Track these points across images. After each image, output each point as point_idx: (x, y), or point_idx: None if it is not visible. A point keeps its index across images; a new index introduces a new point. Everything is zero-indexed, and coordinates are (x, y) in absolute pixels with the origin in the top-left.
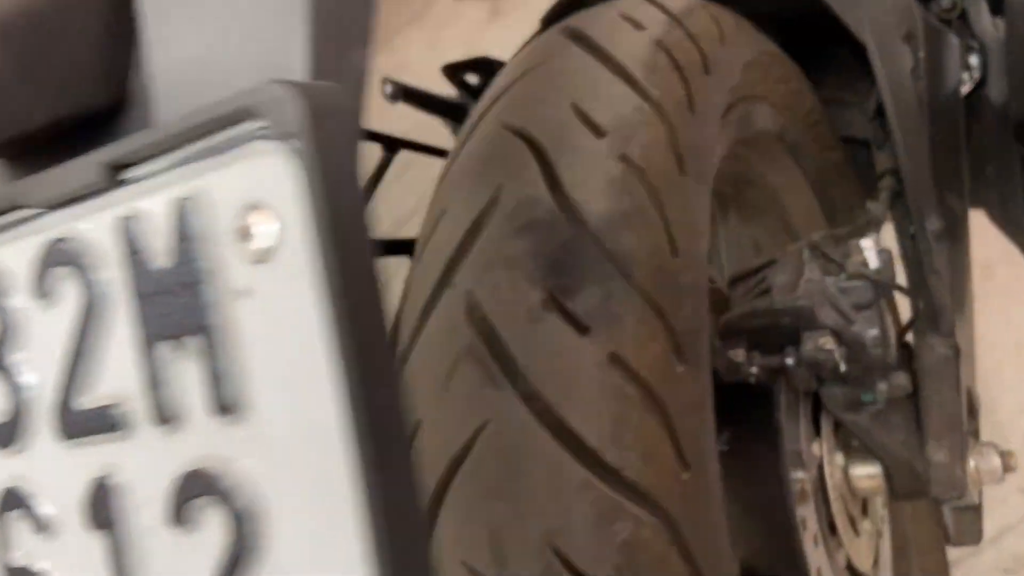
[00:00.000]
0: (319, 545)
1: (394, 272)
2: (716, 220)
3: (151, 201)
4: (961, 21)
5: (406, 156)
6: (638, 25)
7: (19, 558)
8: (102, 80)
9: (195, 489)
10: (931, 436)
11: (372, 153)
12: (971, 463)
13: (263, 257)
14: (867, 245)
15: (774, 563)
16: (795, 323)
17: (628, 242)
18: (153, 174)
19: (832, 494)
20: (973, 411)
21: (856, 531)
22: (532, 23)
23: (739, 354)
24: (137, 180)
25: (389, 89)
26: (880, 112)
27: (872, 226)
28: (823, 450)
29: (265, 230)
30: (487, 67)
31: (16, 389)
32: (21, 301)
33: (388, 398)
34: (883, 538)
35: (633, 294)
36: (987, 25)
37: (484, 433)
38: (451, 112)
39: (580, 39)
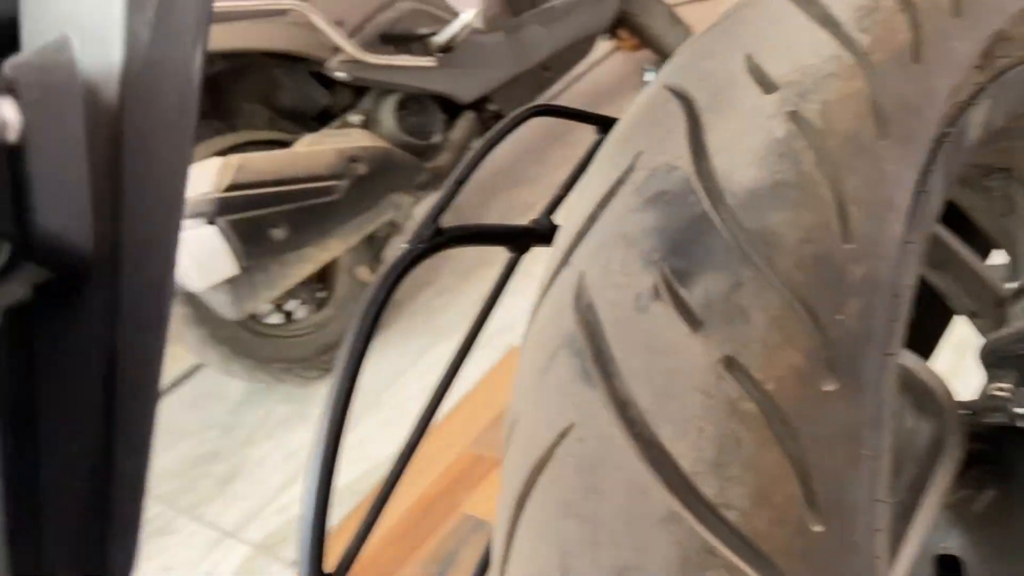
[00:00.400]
0: None
1: None
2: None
3: None
4: None
5: None
6: None
7: None
8: None
9: None
10: None
11: (587, 135)
12: None
13: None
14: None
15: None
16: None
17: (776, 220)
18: None
19: None
20: None
21: None
22: None
23: (1004, 388)
24: None
25: (651, 76)
26: None
27: None
28: None
29: None
30: None
31: None
32: None
33: None
34: None
35: (770, 285)
36: None
37: (568, 438)
38: None
39: None
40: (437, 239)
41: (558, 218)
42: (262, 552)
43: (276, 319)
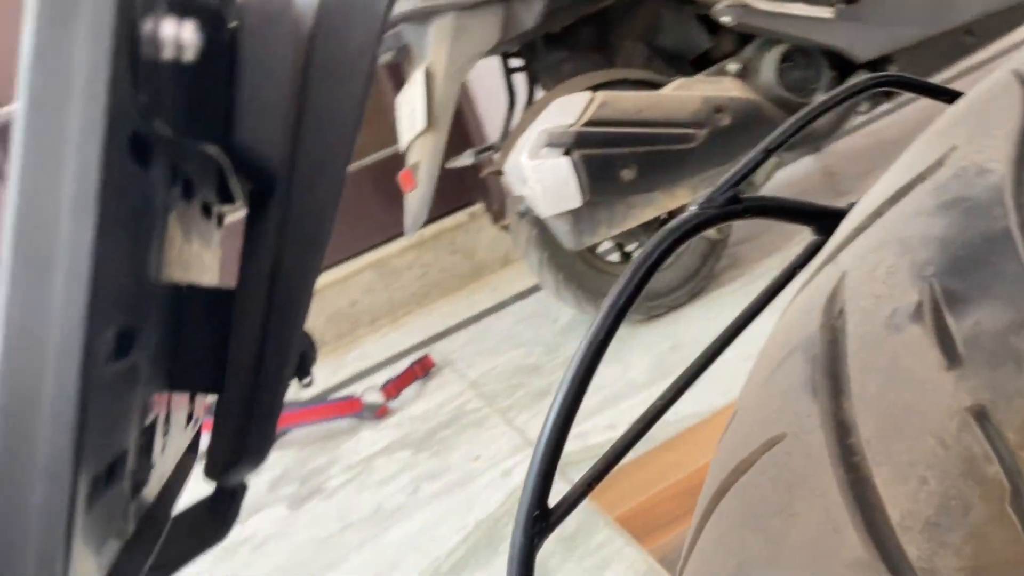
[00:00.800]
0: None
1: None
2: None
3: None
4: None
5: None
6: None
7: None
8: None
9: None
10: None
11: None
12: None
13: None
14: None
15: None
16: None
17: None
18: None
19: None
20: None
21: None
22: None
23: None
24: None
25: None
26: None
27: None
28: None
29: None
30: None
31: None
32: None
33: None
34: None
35: None
36: None
37: (776, 448)
38: None
39: None
40: (731, 207)
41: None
42: None
43: (614, 257)
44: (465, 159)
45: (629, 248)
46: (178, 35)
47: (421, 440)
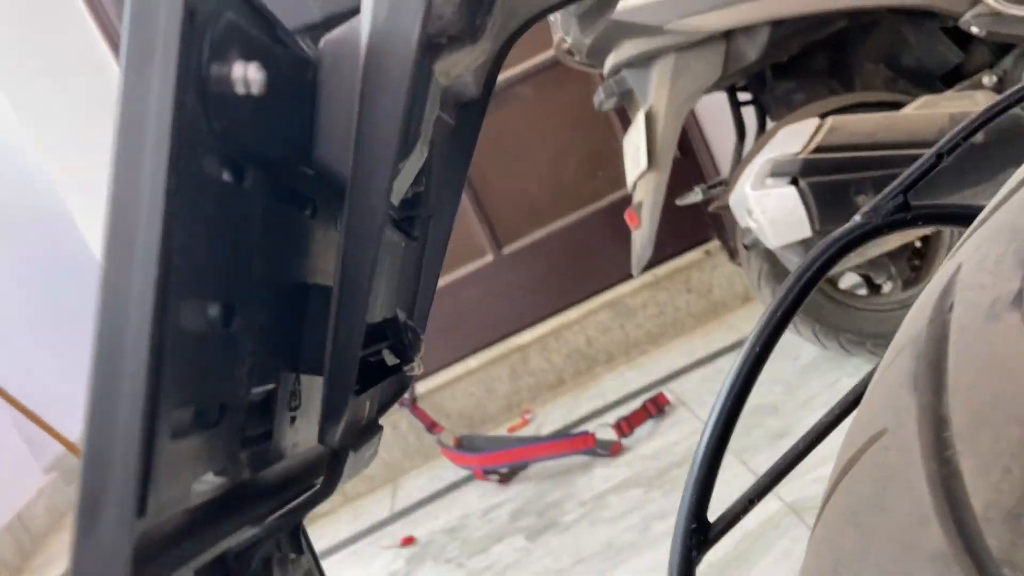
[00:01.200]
0: None
1: None
2: None
3: None
4: None
5: None
6: None
7: None
8: None
9: None
10: None
11: None
12: None
13: None
14: None
15: None
16: None
17: None
18: None
19: None
20: None
21: None
22: None
23: None
24: None
25: None
26: None
27: None
28: None
29: None
30: None
31: None
32: None
33: None
34: None
35: None
36: None
37: (877, 444)
38: None
39: None
40: (899, 215)
41: None
42: (790, 511)
43: (860, 290)
44: (694, 196)
45: (878, 280)
46: (244, 74)
47: (653, 478)
